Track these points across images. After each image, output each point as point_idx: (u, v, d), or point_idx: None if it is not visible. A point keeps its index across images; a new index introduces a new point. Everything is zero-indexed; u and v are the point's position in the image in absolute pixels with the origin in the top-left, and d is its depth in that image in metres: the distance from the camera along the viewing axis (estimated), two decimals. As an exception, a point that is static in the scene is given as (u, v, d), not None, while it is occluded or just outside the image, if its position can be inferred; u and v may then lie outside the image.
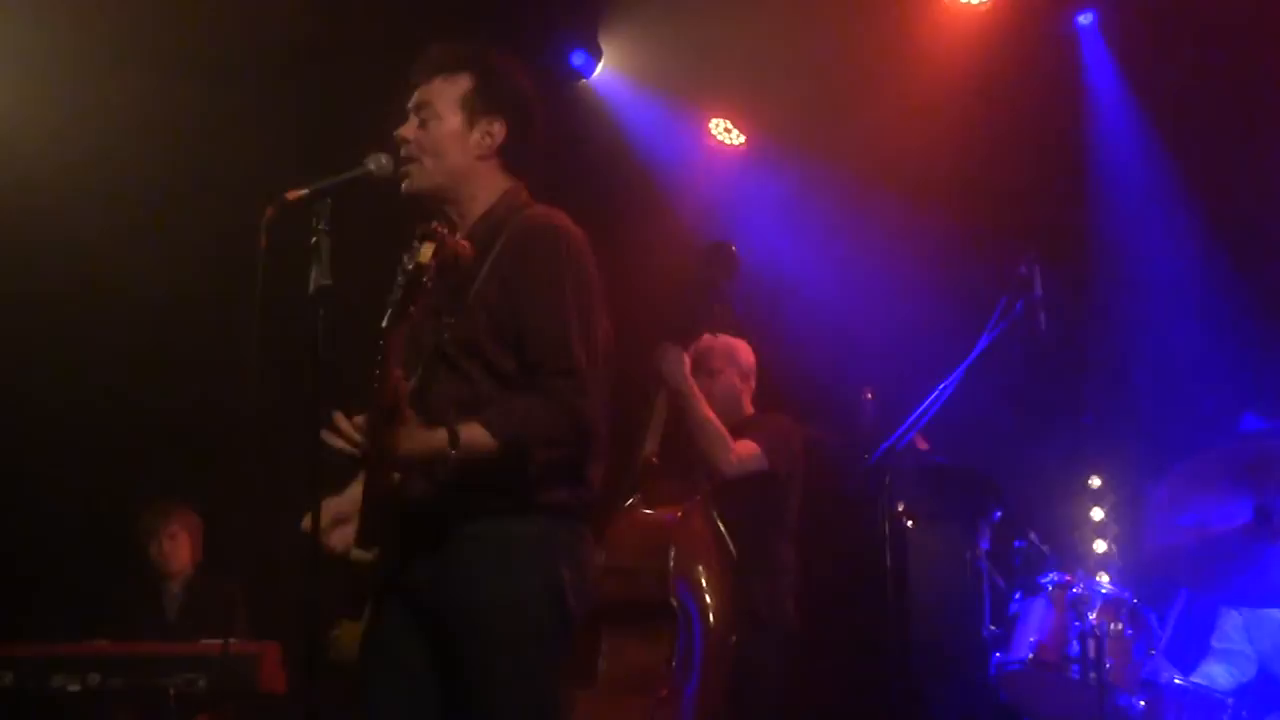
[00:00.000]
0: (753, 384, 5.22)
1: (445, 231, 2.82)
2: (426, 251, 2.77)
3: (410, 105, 3.28)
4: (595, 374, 3.11)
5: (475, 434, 2.97)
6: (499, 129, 3.26)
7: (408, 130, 3.25)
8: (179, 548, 6.05)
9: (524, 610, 3.04)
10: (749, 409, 5.18)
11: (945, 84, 6.32)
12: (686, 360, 4.77)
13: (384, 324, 2.83)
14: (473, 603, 3.04)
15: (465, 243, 2.89)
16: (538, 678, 3.07)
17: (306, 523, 2.91)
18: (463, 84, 3.25)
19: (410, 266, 2.78)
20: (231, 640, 5.46)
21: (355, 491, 3.17)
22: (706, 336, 5.00)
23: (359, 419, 2.94)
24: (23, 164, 5.99)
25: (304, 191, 2.99)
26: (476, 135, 3.25)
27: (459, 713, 3.08)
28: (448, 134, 3.23)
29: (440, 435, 2.95)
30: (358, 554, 3.01)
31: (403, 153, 3.22)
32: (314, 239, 2.95)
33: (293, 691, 5.14)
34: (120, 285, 6.29)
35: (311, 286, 2.92)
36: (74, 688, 5.02)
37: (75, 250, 6.17)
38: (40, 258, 6.16)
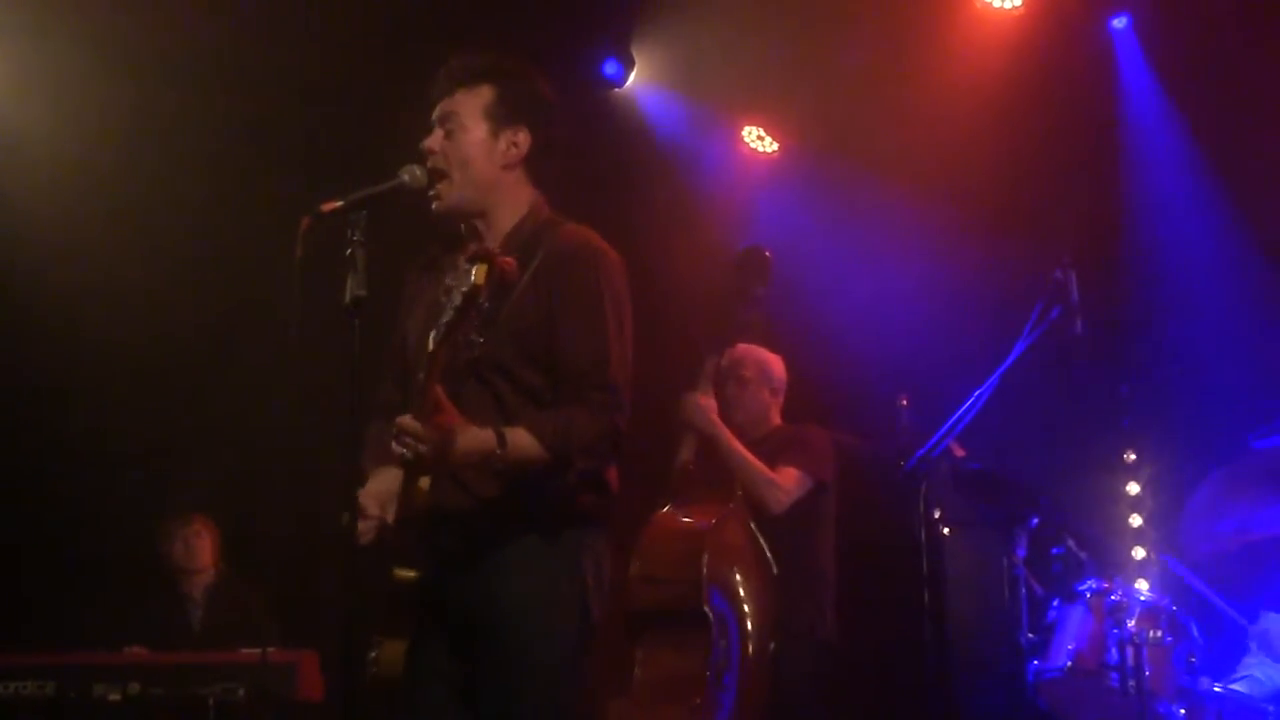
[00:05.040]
0: (781, 399, 5.21)
1: (495, 251, 2.82)
2: (480, 274, 2.77)
3: (434, 118, 3.27)
4: (627, 390, 3.14)
5: (521, 438, 3.00)
6: (524, 138, 3.25)
7: (433, 141, 3.23)
8: (203, 546, 6.14)
9: (546, 615, 3.07)
10: (776, 420, 5.17)
11: (979, 89, 6.29)
12: (712, 405, 4.77)
13: (430, 345, 2.84)
14: (496, 608, 3.06)
15: (510, 261, 2.88)
16: (559, 682, 3.08)
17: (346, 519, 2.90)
18: (485, 94, 3.24)
19: (465, 289, 2.78)
20: (270, 649, 5.50)
21: (386, 478, 3.14)
22: (740, 345, 4.99)
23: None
24: (50, 180, 6.05)
25: (339, 203, 3.01)
26: (502, 145, 3.24)
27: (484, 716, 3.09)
28: (473, 144, 3.22)
29: (489, 436, 2.96)
30: (401, 572, 3.02)
31: (430, 164, 3.20)
32: (349, 250, 2.96)
33: (330, 699, 5.16)
34: (152, 299, 6.34)
35: (348, 297, 2.93)
36: (114, 697, 5.05)
37: (107, 264, 6.21)
38: (72, 271, 6.20)
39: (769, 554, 4.66)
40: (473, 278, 2.78)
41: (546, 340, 3.10)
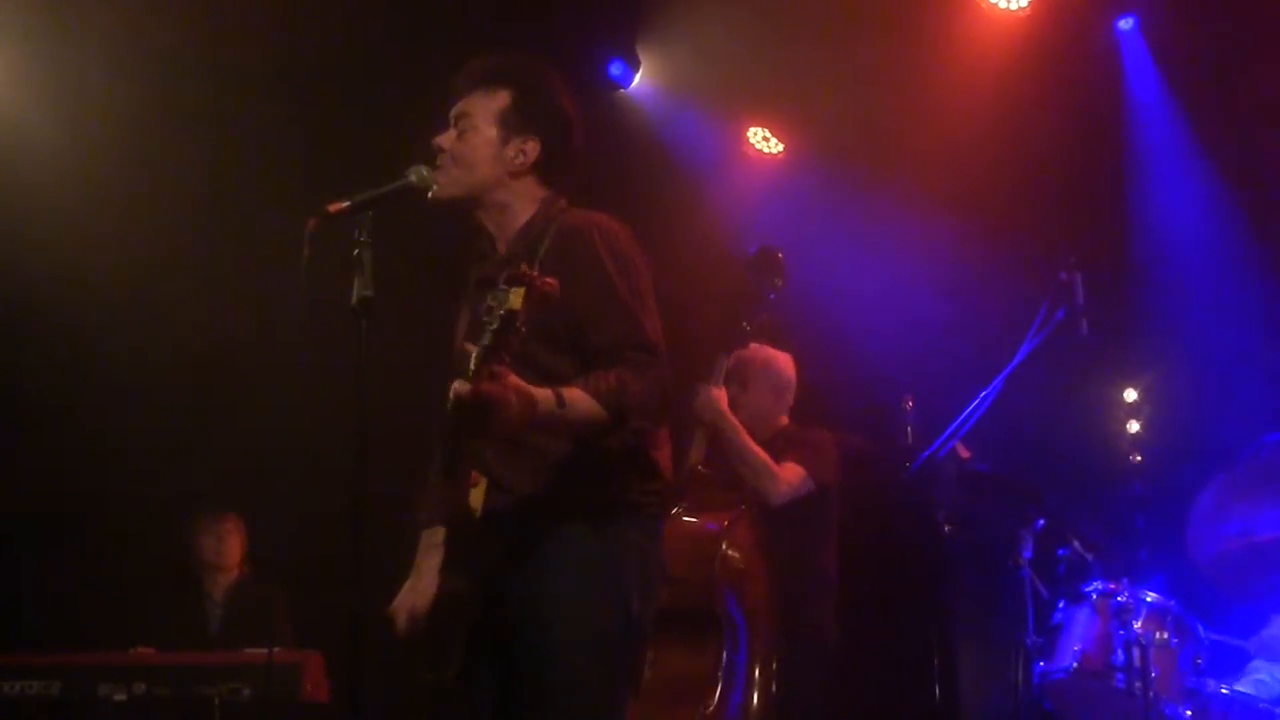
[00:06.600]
0: (789, 398, 5.16)
1: (535, 274, 2.78)
2: (517, 298, 2.73)
3: (451, 115, 3.29)
4: (663, 347, 3.11)
5: (578, 396, 2.96)
6: (533, 147, 3.26)
7: (445, 139, 3.26)
8: (233, 545, 6.17)
9: (583, 614, 3.04)
10: (783, 421, 5.14)
11: (985, 91, 6.29)
12: (722, 396, 4.76)
13: (472, 367, 2.77)
14: (533, 607, 3.04)
15: (552, 282, 2.81)
16: (595, 682, 3.04)
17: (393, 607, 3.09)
18: (502, 99, 3.26)
19: (502, 312, 2.73)
20: (275, 649, 5.50)
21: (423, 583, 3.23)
22: (752, 345, 4.97)
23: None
24: (52, 180, 6.05)
25: (345, 204, 3.01)
26: (510, 151, 3.25)
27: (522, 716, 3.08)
28: (481, 145, 3.24)
29: (547, 392, 2.92)
30: (452, 581, 3.05)
31: (438, 160, 3.23)
32: (356, 251, 2.97)
33: (336, 701, 5.16)
34: (155, 299, 6.35)
35: (354, 298, 2.94)
36: (120, 697, 5.05)
37: (110, 264, 6.22)
38: (75, 270, 6.21)
39: (776, 555, 4.66)
40: (510, 301, 2.73)
41: (564, 322, 3.07)
